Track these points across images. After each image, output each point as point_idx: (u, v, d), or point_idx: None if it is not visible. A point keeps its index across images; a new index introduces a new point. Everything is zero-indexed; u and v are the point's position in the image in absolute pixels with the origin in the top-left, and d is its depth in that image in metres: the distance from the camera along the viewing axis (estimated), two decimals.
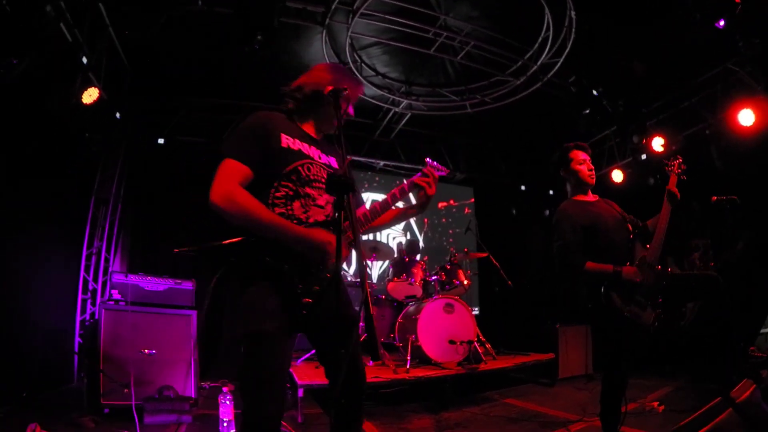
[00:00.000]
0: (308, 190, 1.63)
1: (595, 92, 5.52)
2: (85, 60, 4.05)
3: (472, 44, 4.85)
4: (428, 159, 1.92)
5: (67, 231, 4.85)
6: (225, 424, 3.07)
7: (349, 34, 4.52)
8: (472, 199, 7.00)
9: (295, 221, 1.57)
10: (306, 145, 1.71)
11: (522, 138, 6.99)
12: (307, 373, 3.92)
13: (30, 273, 3.98)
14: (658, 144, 5.76)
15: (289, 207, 1.59)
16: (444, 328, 4.35)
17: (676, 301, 2.50)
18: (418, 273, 4.75)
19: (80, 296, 4.89)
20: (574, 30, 4.53)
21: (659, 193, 6.39)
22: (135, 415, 3.08)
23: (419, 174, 1.83)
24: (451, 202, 6.50)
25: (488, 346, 4.80)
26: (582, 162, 2.67)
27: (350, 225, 1.46)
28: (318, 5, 4.22)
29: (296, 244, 1.52)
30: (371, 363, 4.40)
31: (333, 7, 4.11)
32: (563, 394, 4.34)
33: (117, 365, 3.43)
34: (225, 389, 3.18)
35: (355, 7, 4.22)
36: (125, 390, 3.34)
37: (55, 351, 4.35)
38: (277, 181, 1.59)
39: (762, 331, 4.64)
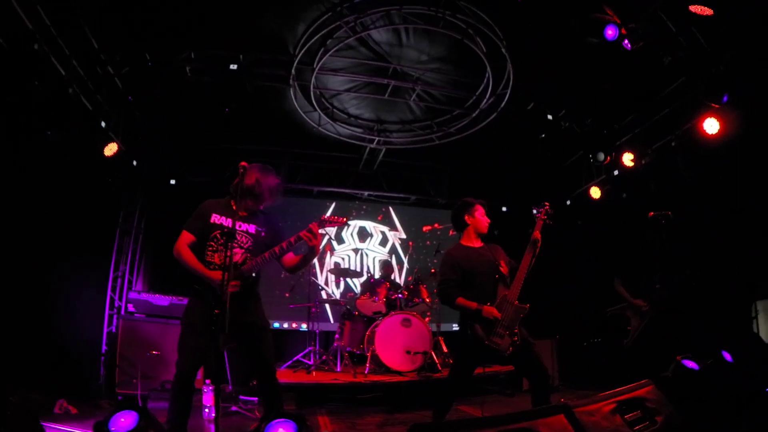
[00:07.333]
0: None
1: (549, 116, 5.92)
2: (103, 124, 4.93)
3: (420, 88, 5.47)
4: (323, 216, 2.78)
5: (98, 258, 5.82)
6: (206, 410, 3.97)
7: (312, 89, 5.32)
8: None
9: (213, 266, 2.67)
10: (230, 219, 2.69)
11: (501, 160, 7.34)
12: (287, 375, 4.77)
13: (69, 293, 4.98)
14: (628, 159, 5.97)
15: (213, 256, 2.70)
16: (401, 340, 4.85)
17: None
18: (382, 291, 5.31)
19: (107, 312, 5.85)
20: (510, 61, 5.00)
21: (632, 207, 6.42)
22: (140, 401, 4.19)
23: (305, 230, 2.67)
24: (436, 225, 6.90)
25: (450, 360, 5.22)
26: (483, 215, 3.23)
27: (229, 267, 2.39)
28: (280, 69, 5.05)
29: (205, 279, 2.62)
30: (338, 369, 5.01)
31: (292, 71, 4.93)
32: (518, 404, 4.54)
33: (130, 362, 4.56)
34: (207, 381, 4.05)
35: (313, 66, 5.02)
36: (134, 381, 4.40)
37: (86, 355, 5.23)
38: (207, 242, 2.72)
39: None
